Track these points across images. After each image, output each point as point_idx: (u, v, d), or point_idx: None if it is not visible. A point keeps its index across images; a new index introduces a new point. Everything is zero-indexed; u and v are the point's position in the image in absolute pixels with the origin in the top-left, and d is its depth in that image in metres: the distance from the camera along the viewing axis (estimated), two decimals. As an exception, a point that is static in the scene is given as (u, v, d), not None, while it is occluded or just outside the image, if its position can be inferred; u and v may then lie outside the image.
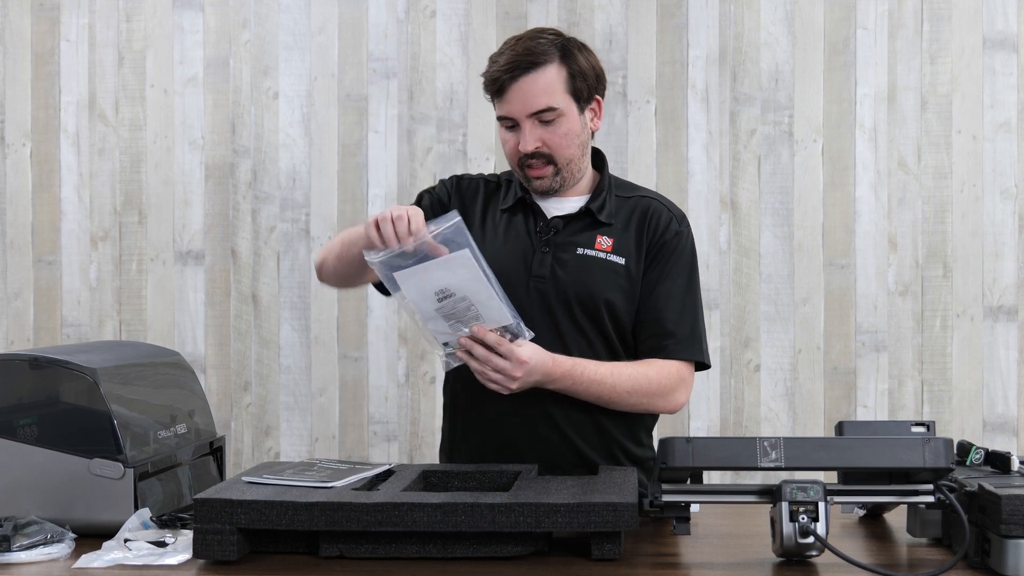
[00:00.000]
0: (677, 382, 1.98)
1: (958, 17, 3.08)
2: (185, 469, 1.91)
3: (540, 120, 1.94)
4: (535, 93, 1.93)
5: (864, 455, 1.53)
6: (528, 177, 2.00)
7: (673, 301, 2.00)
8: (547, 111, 1.94)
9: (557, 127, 1.95)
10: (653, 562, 1.59)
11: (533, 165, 1.97)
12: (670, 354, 1.98)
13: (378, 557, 1.56)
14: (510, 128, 1.98)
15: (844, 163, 3.10)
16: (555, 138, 1.96)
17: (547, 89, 1.93)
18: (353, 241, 1.95)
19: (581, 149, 2.01)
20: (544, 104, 1.93)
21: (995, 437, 3.05)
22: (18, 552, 1.59)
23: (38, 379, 1.81)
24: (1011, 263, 3.07)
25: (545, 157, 1.97)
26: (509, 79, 1.93)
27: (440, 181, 2.16)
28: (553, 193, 2.02)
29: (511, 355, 1.81)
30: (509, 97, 1.94)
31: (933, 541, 1.68)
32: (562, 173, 1.99)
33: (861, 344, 3.09)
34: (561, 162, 1.98)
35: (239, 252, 3.22)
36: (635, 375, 1.95)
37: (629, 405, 1.96)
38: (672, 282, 2.01)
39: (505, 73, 1.93)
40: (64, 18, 3.27)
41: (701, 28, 3.13)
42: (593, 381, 1.92)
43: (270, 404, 3.21)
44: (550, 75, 1.94)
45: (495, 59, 1.97)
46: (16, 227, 3.28)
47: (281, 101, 3.22)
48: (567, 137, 1.97)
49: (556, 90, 1.94)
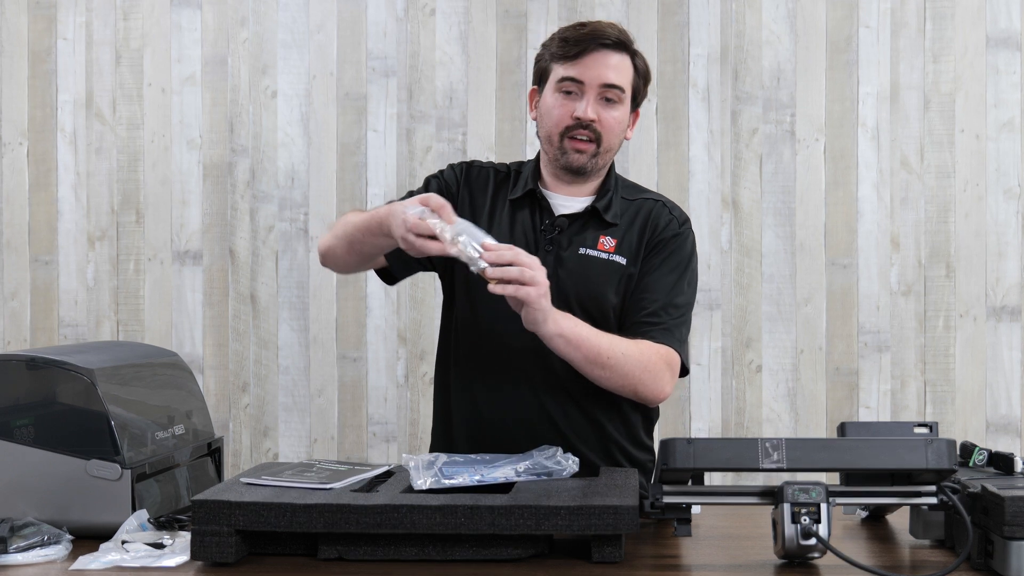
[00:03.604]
0: (665, 368, 1.95)
1: (961, 15, 3.07)
2: (183, 470, 1.90)
3: (605, 96, 1.98)
4: (614, 67, 1.99)
5: (866, 456, 1.53)
6: (567, 149, 2.00)
7: (661, 292, 1.99)
8: (616, 89, 1.99)
9: (614, 110, 2.00)
10: (654, 564, 1.58)
11: (579, 137, 1.99)
12: (654, 340, 1.95)
13: (377, 559, 1.55)
14: (568, 94, 1.99)
15: (846, 162, 3.09)
16: (611, 119, 2.00)
17: (624, 70, 2.00)
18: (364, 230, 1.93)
19: (619, 144, 2.05)
20: (618, 80, 1.99)
21: (998, 438, 3.04)
22: (15, 554, 1.58)
23: (35, 380, 1.80)
24: (1014, 263, 3.06)
25: (595, 133, 1.99)
26: (594, 46, 1.98)
27: (449, 166, 2.14)
28: (583, 175, 2.02)
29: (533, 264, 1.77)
30: (587, 62, 1.98)
31: (936, 543, 1.68)
32: (599, 157, 2.01)
33: (863, 344, 3.08)
34: (605, 145, 2.01)
35: (237, 252, 3.21)
36: (629, 347, 1.92)
37: (620, 374, 1.90)
38: (663, 275, 2.00)
39: (590, 39, 1.98)
40: (61, 16, 3.26)
41: (702, 26, 3.12)
42: (594, 331, 1.89)
43: (268, 405, 3.20)
44: (627, 62, 2.02)
45: (574, 28, 2.02)
46: (13, 227, 3.27)
47: (280, 100, 3.21)
48: (619, 123, 2.02)
49: (627, 76, 2.01)
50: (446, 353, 2.10)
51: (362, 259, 2.04)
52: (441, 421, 2.11)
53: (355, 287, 3.18)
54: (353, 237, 1.97)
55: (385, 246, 1.94)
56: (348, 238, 1.99)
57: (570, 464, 1.74)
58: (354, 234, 1.97)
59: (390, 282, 2.19)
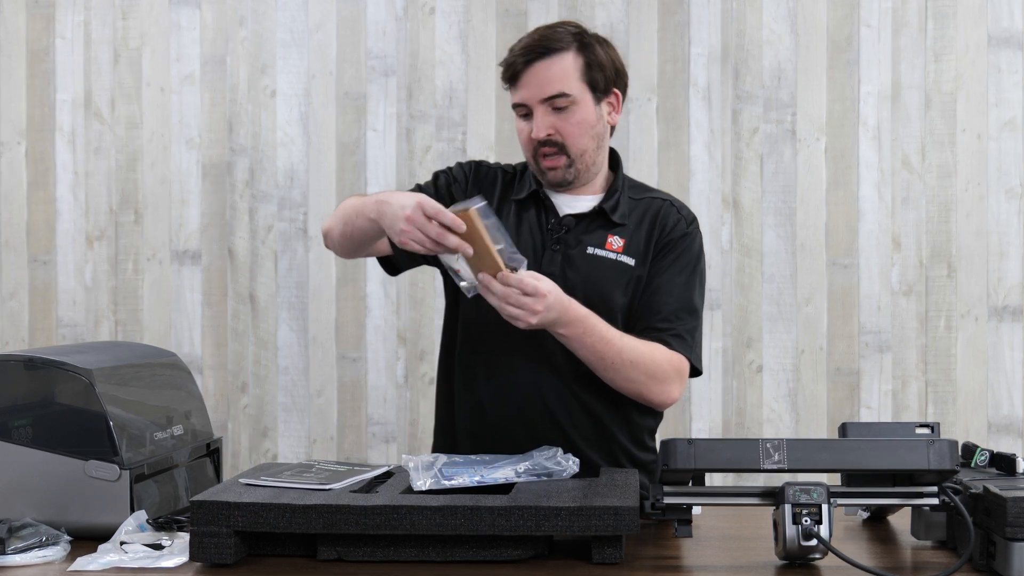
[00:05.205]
0: (675, 374, 1.95)
1: (963, 14, 3.06)
2: (182, 471, 1.90)
3: (553, 107, 1.94)
4: (548, 79, 1.93)
5: (868, 457, 1.52)
6: (542, 169, 1.99)
7: (672, 295, 1.99)
8: (559, 97, 1.94)
9: (570, 115, 1.95)
10: (654, 565, 1.58)
11: (546, 155, 1.97)
12: (667, 345, 1.96)
13: (377, 560, 1.55)
14: (524, 116, 1.98)
15: (847, 162, 3.09)
16: (567, 126, 1.95)
17: (561, 75, 1.94)
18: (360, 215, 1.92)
19: (596, 141, 2.00)
20: (557, 90, 1.93)
21: (1000, 439, 3.03)
22: (13, 555, 1.58)
23: (33, 380, 1.80)
24: (1016, 263, 3.06)
25: (557, 146, 1.96)
26: (524, 64, 1.94)
27: (458, 164, 2.13)
28: (567, 186, 2.01)
29: (536, 291, 1.78)
30: (523, 83, 1.95)
31: (937, 544, 1.67)
32: (575, 165, 1.98)
33: (864, 345, 3.08)
34: (574, 152, 1.97)
35: (236, 252, 3.21)
36: (641, 349, 1.92)
37: (624, 379, 1.92)
38: (673, 276, 2.00)
39: (520, 58, 1.95)
40: (59, 15, 3.25)
41: (703, 25, 3.11)
42: (603, 337, 1.88)
43: (268, 405, 3.20)
44: (565, 62, 1.94)
45: (513, 48, 1.98)
46: (11, 226, 3.26)
47: (279, 99, 3.20)
48: (580, 126, 1.96)
49: (571, 77, 1.94)
50: (448, 351, 2.10)
51: (354, 244, 2.02)
52: (443, 421, 2.10)
53: (354, 287, 3.18)
54: (348, 219, 1.97)
55: (371, 233, 1.93)
56: (343, 220, 1.99)
57: (570, 465, 1.74)
58: (349, 216, 1.97)
59: (393, 272, 2.18)
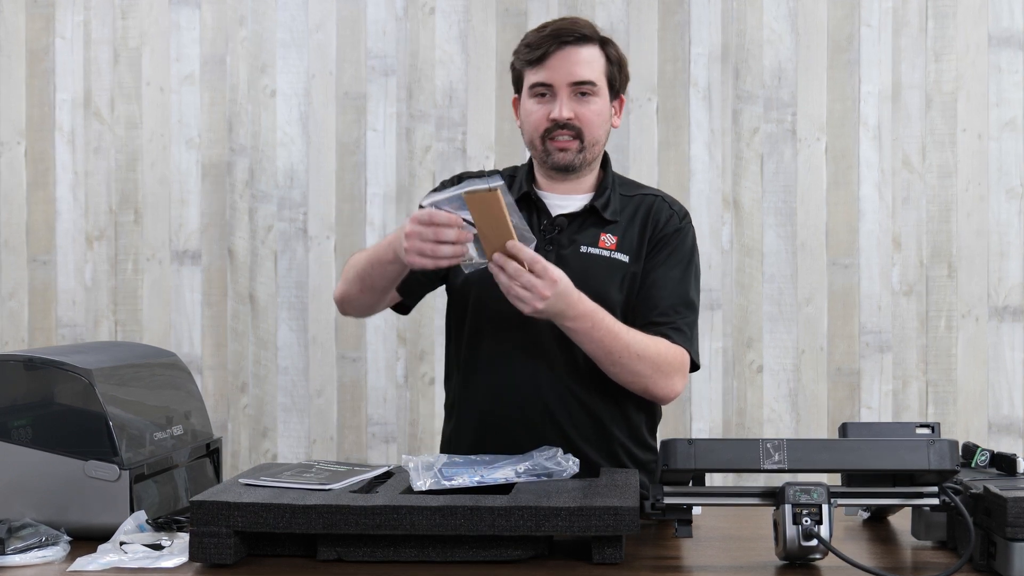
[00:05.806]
0: (678, 368, 1.96)
1: (963, 14, 3.06)
2: (181, 471, 1.90)
3: (579, 92, 1.97)
4: (580, 62, 1.97)
5: (868, 457, 1.52)
6: (550, 150, 1.99)
7: (668, 290, 1.99)
8: (587, 84, 1.97)
9: (591, 103, 1.98)
10: (654, 565, 1.58)
11: (560, 138, 1.98)
12: (667, 339, 1.96)
13: (376, 560, 1.55)
14: (541, 97, 1.98)
15: (848, 162, 3.09)
16: (589, 113, 1.98)
17: (590, 63, 1.98)
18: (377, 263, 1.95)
19: (605, 136, 2.04)
20: (586, 76, 1.97)
21: (1001, 439, 3.03)
22: (12, 555, 1.57)
23: (33, 380, 1.79)
24: (1016, 263, 3.06)
25: (575, 130, 1.98)
26: (556, 46, 1.96)
27: (441, 183, 2.14)
28: (570, 172, 2.02)
29: (545, 273, 1.78)
30: (551, 64, 1.97)
31: (938, 544, 1.67)
32: (586, 152, 2.00)
33: (865, 345, 3.08)
34: (588, 140, 1.99)
35: (236, 252, 3.20)
36: (648, 343, 1.92)
37: (631, 373, 1.92)
38: (668, 271, 2.01)
39: (552, 39, 1.97)
40: (59, 15, 3.25)
41: (703, 25, 3.11)
42: (610, 331, 1.88)
43: (267, 405, 3.19)
44: (594, 53, 1.99)
45: (537, 31, 2.00)
46: (10, 226, 3.26)
47: (279, 99, 3.20)
48: (599, 116, 2.00)
49: (597, 67, 1.99)
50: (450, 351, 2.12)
51: (376, 294, 2.04)
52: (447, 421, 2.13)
53: (354, 287, 3.18)
54: (364, 273, 2.00)
55: (395, 273, 1.96)
56: (359, 276, 2.01)
57: (570, 465, 1.74)
58: (364, 269, 2.00)
59: (404, 312, 2.20)
